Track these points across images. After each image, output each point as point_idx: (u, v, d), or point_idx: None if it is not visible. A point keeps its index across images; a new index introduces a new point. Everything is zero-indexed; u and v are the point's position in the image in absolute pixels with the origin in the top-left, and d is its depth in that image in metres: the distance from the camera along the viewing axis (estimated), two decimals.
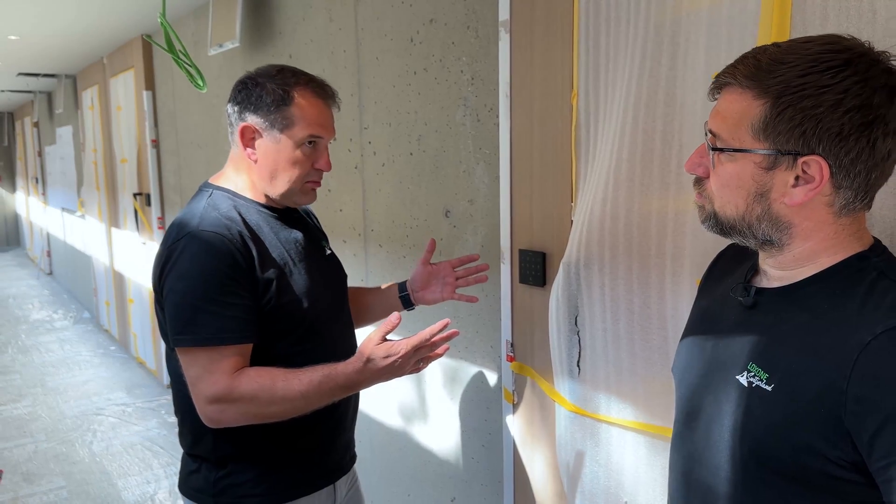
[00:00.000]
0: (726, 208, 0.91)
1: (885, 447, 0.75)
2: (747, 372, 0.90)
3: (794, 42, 0.85)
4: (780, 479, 0.86)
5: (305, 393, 1.31)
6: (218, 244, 1.34)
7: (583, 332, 1.61)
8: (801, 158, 0.83)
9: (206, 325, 1.32)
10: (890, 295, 0.82)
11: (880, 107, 0.80)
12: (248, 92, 1.43)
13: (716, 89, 0.91)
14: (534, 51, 1.75)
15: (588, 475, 1.63)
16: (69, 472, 3.71)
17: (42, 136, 9.00)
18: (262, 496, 1.45)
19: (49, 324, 7.07)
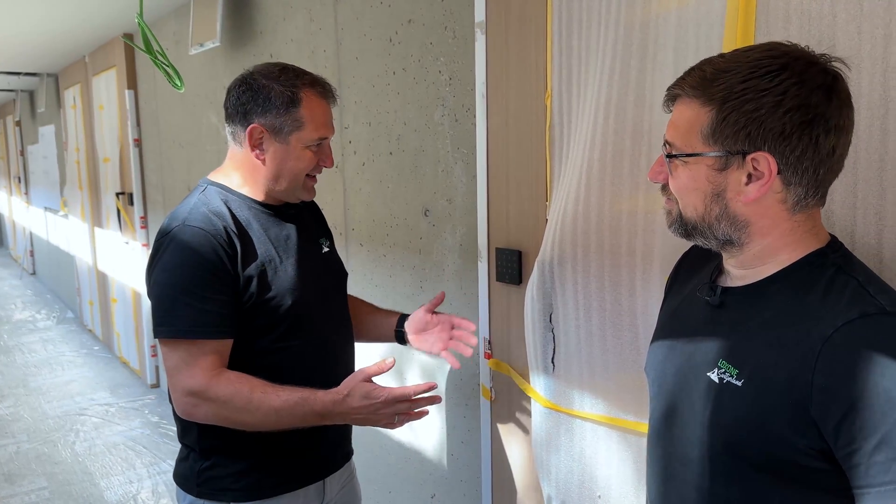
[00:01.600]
0: (687, 210, 0.95)
1: (850, 434, 0.79)
2: (718, 369, 0.93)
3: (737, 51, 0.90)
4: (754, 471, 0.90)
5: (279, 410, 1.32)
6: (201, 238, 1.37)
7: (557, 329, 1.64)
8: (750, 155, 0.86)
9: (185, 318, 1.35)
10: (848, 289, 0.86)
11: (819, 105, 0.84)
12: (254, 93, 1.42)
13: (668, 101, 0.96)
14: (509, 52, 1.77)
15: (563, 470, 1.66)
16: (51, 473, 3.70)
17: (24, 135, 8.93)
18: (244, 491, 1.47)
19: (32, 324, 7.03)
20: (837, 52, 1.12)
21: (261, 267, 1.43)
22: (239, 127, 1.45)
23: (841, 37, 1.13)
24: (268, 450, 1.48)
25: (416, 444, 2.38)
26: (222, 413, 1.35)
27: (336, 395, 1.33)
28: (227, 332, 1.38)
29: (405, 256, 2.33)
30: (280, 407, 1.33)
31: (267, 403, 1.32)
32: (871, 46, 1.09)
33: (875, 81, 1.09)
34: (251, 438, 1.44)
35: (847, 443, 0.79)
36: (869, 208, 1.12)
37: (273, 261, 1.46)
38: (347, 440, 1.68)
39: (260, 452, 1.48)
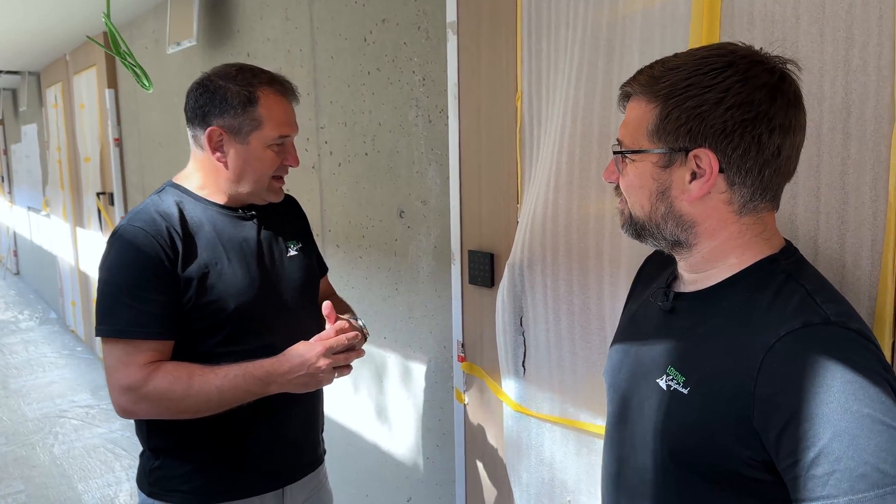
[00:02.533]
0: (635, 209, 0.94)
1: (790, 446, 0.77)
2: (666, 375, 0.92)
3: (688, 51, 0.89)
4: (700, 479, 0.88)
5: (221, 387, 1.33)
6: (142, 239, 1.36)
7: (528, 332, 1.62)
8: (692, 152, 0.85)
9: (122, 318, 1.35)
10: (795, 297, 0.84)
11: (761, 104, 0.83)
12: (211, 95, 1.40)
13: (622, 100, 0.95)
14: (480, 53, 1.75)
15: (533, 474, 1.64)
16: (28, 476, 3.66)
17: (7, 133, 8.85)
18: (191, 494, 1.46)
19: (14, 324, 6.96)
20: (800, 54, 1.12)
21: (203, 269, 1.41)
22: (199, 130, 1.43)
23: (803, 39, 1.12)
24: (219, 451, 1.46)
25: (393, 447, 2.37)
26: (164, 405, 1.35)
27: (272, 360, 1.35)
28: (164, 334, 1.38)
29: (381, 258, 2.31)
30: (221, 384, 1.33)
31: (208, 384, 1.33)
32: (833, 49, 1.08)
33: (837, 84, 1.08)
34: (200, 438, 1.43)
35: (787, 455, 0.77)
36: (832, 213, 1.11)
37: (218, 264, 1.43)
38: (315, 446, 1.64)
39: (210, 454, 1.46)
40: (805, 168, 1.12)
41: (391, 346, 2.30)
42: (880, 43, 1.03)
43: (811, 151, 1.12)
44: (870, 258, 1.07)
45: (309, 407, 1.58)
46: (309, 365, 1.33)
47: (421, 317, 2.16)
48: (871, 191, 1.06)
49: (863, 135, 1.06)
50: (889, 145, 1.04)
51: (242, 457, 1.48)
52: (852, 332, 0.80)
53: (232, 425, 1.42)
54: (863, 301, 1.08)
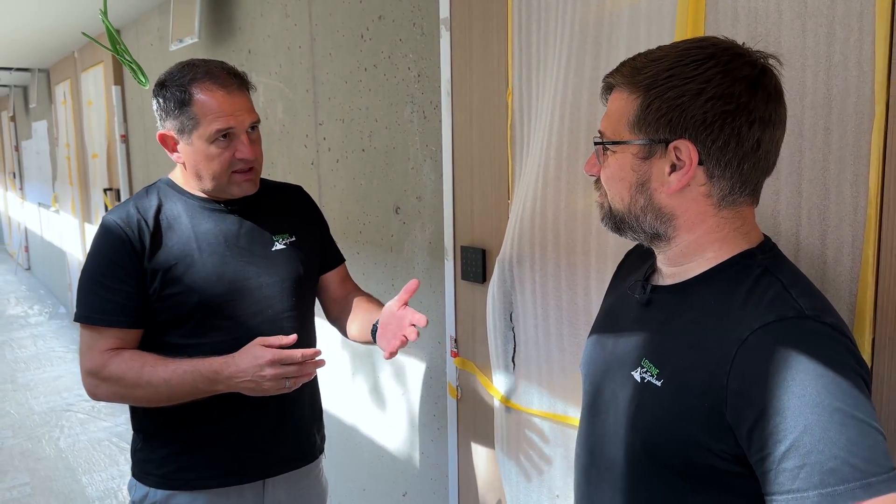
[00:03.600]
0: (615, 201, 0.94)
1: (761, 440, 0.77)
2: (640, 368, 0.92)
3: (672, 44, 0.90)
4: (671, 472, 0.88)
5: (169, 380, 1.36)
6: (114, 231, 1.42)
7: (517, 328, 1.63)
8: (672, 143, 0.85)
9: (89, 305, 1.41)
10: (770, 291, 0.84)
11: (741, 96, 0.83)
12: (158, 98, 1.44)
13: (605, 92, 0.95)
14: (472, 49, 1.75)
15: (522, 469, 1.65)
16: (34, 469, 3.70)
17: (18, 130, 8.93)
18: (164, 478, 1.49)
19: (24, 319, 7.03)
20: (783, 49, 1.12)
21: (171, 262, 1.43)
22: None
23: (786, 34, 1.11)
24: (194, 438, 1.48)
25: (389, 443, 2.38)
26: (119, 391, 1.40)
27: (223, 358, 1.35)
28: (128, 322, 1.42)
29: (377, 254, 2.32)
30: (170, 377, 1.36)
31: (157, 376, 1.36)
32: (815, 44, 1.08)
33: (819, 80, 1.08)
34: (177, 424, 1.46)
35: (759, 448, 0.78)
36: (813, 209, 1.11)
37: (189, 257, 1.45)
38: (303, 442, 1.62)
39: (185, 441, 1.48)
40: (787, 164, 1.12)
41: None
42: (861, 39, 1.03)
43: (793, 147, 1.12)
44: (850, 254, 1.07)
45: (293, 401, 1.54)
46: (254, 372, 1.32)
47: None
48: (851, 187, 1.06)
49: (844, 130, 1.06)
50: (869, 141, 1.04)
51: (219, 446, 1.49)
52: (826, 326, 0.80)
53: (209, 413, 1.44)
54: (844, 296, 1.08)
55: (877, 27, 1.01)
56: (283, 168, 2.84)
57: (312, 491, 1.67)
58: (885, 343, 1.05)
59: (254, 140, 1.49)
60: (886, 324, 1.04)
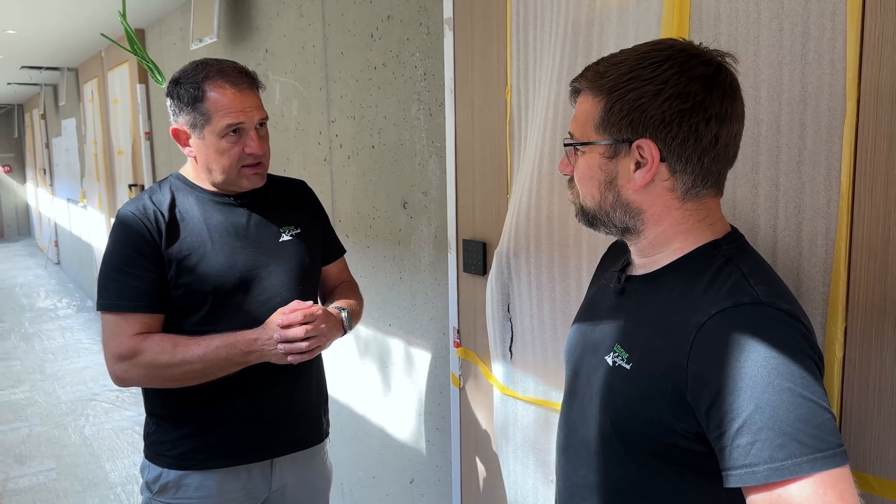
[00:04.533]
0: (587, 199, 0.99)
1: (718, 418, 0.82)
2: (613, 352, 0.98)
3: (632, 47, 0.95)
4: (639, 451, 0.94)
5: (204, 356, 1.43)
6: (131, 221, 1.49)
7: (514, 318, 1.68)
8: (635, 142, 0.91)
9: (112, 292, 1.48)
10: (731, 279, 0.89)
11: (697, 94, 0.88)
12: (173, 95, 1.52)
13: (573, 95, 1.01)
14: (474, 48, 1.81)
15: (520, 456, 1.70)
16: (59, 455, 3.83)
17: (49, 127, 9.15)
18: (176, 459, 1.56)
19: (53, 312, 7.22)
20: (762, 48, 1.16)
21: (185, 252, 1.51)
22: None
23: (765, 33, 1.15)
24: (206, 421, 1.55)
25: (397, 431, 2.44)
26: (153, 373, 1.45)
27: (255, 330, 1.46)
28: (151, 307, 1.48)
29: (386, 247, 2.38)
30: (204, 352, 1.43)
31: (191, 353, 1.43)
32: (791, 43, 1.12)
33: (795, 77, 1.12)
34: (190, 407, 1.53)
35: (716, 426, 0.82)
36: (790, 202, 1.14)
37: (201, 248, 1.52)
38: (310, 423, 1.70)
39: (196, 423, 1.55)
40: (766, 158, 1.16)
41: (395, 333, 2.38)
42: (833, 37, 1.07)
43: (771, 142, 1.16)
44: (824, 246, 1.11)
45: (299, 384, 1.65)
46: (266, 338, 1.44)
47: (422, 304, 2.22)
48: (825, 181, 1.10)
49: (818, 126, 1.10)
50: (841, 137, 1.07)
51: (229, 429, 1.56)
52: (781, 312, 0.85)
53: (221, 397, 1.51)
54: (817, 287, 1.12)
55: (848, 27, 1.05)
56: (298, 164, 2.91)
57: (318, 471, 1.75)
58: (856, 332, 1.08)
59: (262, 136, 1.56)
60: (858, 314, 1.08)
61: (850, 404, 1.10)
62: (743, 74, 1.18)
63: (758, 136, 1.17)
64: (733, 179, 1.21)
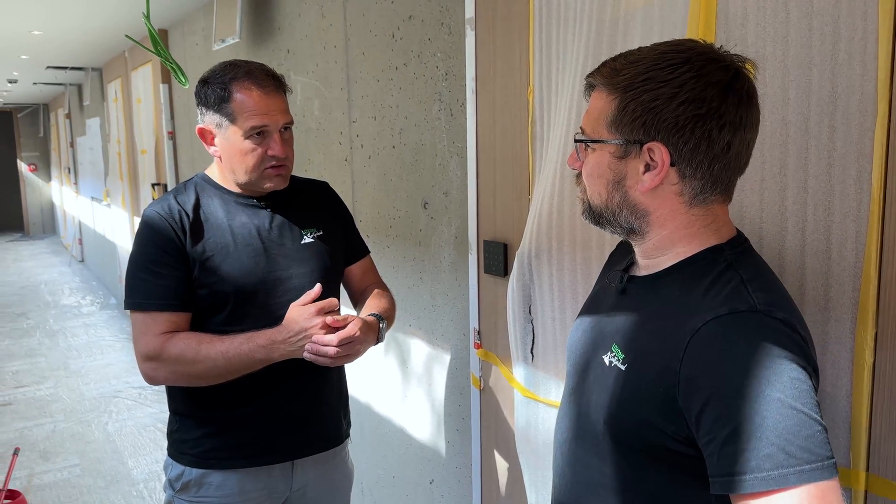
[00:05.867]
0: (594, 197, 0.99)
1: (708, 424, 0.82)
2: (610, 352, 0.98)
3: (651, 46, 0.93)
4: (631, 452, 0.94)
5: (226, 352, 1.43)
6: (156, 221, 1.50)
7: (536, 320, 1.67)
8: (646, 145, 0.90)
9: (140, 291, 1.49)
10: (730, 285, 0.88)
11: (713, 100, 0.86)
12: (200, 94, 1.54)
13: (587, 90, 0.99)
14: (496, 48, 1.80)
15: (541, 459, 1.69)
16: (83, 451, 3.88)
17: (73, 127, 9.27)
18: (198, 458, 1.57)
19: (77, 309, 7.32)
20: (790, 48, 1.14)
21: (208, 253, 1.52)
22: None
23: (793, 33, 1.13)
24: (228, 420, 1.56)
25: (417, 431, 2.44)
26: (179, 370, 1.46)
27: (273, 328, 1.45)
28: (178, 305, 1.49)
29: (406, 248, 2.38)
30: (227, 349, 1.43)
31: (214, 349, 1.43)
32: (821, 43, 1.10)
33: (824, 78, 1.10)
34: (213, 406, 1.54)
35: (705, 432, 0.82)
36: (819, 205, 1.12)
37: (225, 249, 1.53)
38: (331, 425, 1.70)
39: (219, 422, 1.56)
40: (794, 160, 1.14)
41: (415, 334, 2.38)
42: (864, 38, 1.05)
43: (800, 145, 1.14)
44: (854, 249, 1.09)
45: (321, 385, 1.65)
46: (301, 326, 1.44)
47: (443, 305, 2.22)
48: (855, 183, 1.08)
49: (848, 128, 1.08)
50: (872, 139, 1.05)
51: (251, 428, 1.57)
52: (777, 321, 0.84)
53: (243, 396, 1.52)
54: (847, 291, 1.10)
55: (880, 27, 1.03)
56: (319, 164, 2.92)
57: (339, 472, 1.75)
58: (887, 338, 1.06)
59: (286, 139, 1.57)
60: (889, 319, 1.06)
61: (879, 410, 1.08)
62: (770, 75, 1.17)
63: (786, 137, 1.16)
64: (760, 182, 1.19)
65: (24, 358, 5.61)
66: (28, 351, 5.80)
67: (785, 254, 1.17)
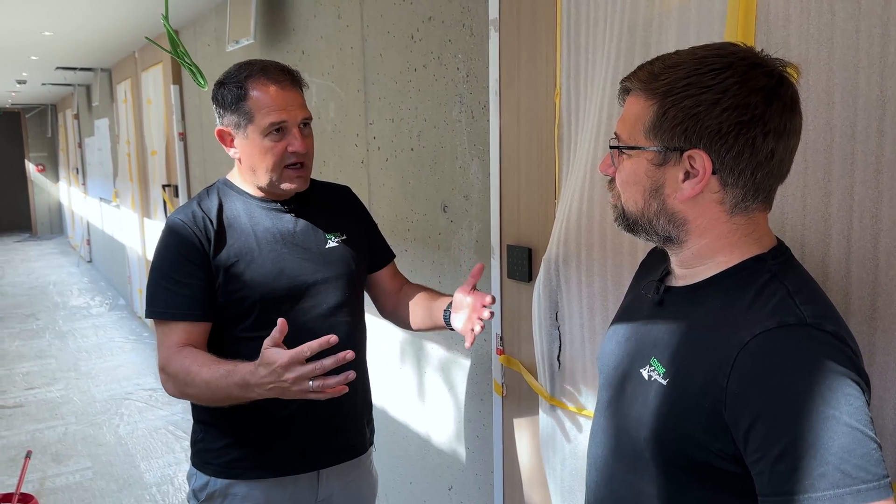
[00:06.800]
0: (629, 204, 0.95)
1: (757, 441, 0.79)
2: (649, 366, 0.95)
3: (690, 49, 0.90)
4: (673, 469, 0.91)
5: (209, 382, 1.36)
6: (180, 228, 1.48)
7: (563, 327, 1.64)
8: (687, 152, 0.87)
9: (161, 300, 1.47)
10: (776, 297, 0.85)
11: (757, 107, 0.83)
12: (217, 96, 1.52)
13: (622, 94, 0.96)
14: (520, 49, 1.77)
15: (567, 467, 1.66)
16: (95, 454, 3.86)
17: (82, 127, 9.27)
18: (223, 468, 1.54)
19: (86, 310, 7.31)
20: (835, 50, 1.10)
21: (233, 259, 1.49)
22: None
23: (839, 35, 1.10)
24: (254, 430, 1.53)
25: (435, 438, 2.42)
26: (178, 387, 1.44)
27: (251, 366, 1.28)
28: (197, 315, 1.46)
29: (425, 252, 2.35)
30: (209, 379, 1.36)
31: (200, 377, 1.38)
32: (869, 45, 1.07)
33: (872, 81, 1.07)
34: (237, 416, 1.50)
35: (754, 450, 0.79)
36: (865, 212, 1.09)
37: (249, 254, 1.50)
38: (355, 433, 1.67)
39: (242, 432, 1.53)
40: (839, 166, 1.11)
41: (434, 339, 2.35)
42: None
43: (846, 150, 1.10)
44: None
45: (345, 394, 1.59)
46: (273, 378, 1.25)
47: None
48: None
49: None
50: None
51: (275, 437, 1.54)
52: (827, 334, 0.81)
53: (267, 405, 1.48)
54: (895, 302, 1.07)
55: None
56: (334, 167, 2.89)
57: (364, 481, 1.72)
58: None
59: (306, 135, 1.54)
60: None
61: None
62: (814, 78, 1.14)
63: (830, 142, 1.12)
64: (803, 188, 1.16)
65: (34, 359, 5.60)
66: (38, 352, 5.79)
67: (829, 262, 1.14)
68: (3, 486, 3.44)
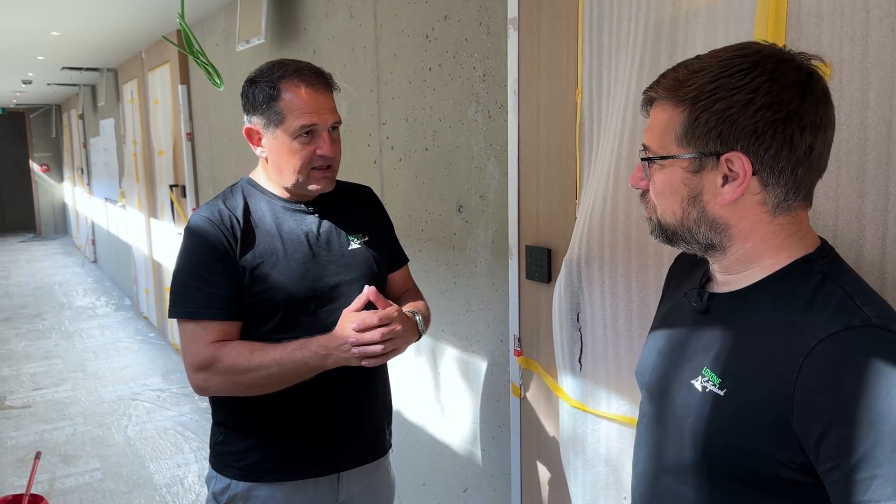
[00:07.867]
0: (666, 215, 0.93)
1: (831, 450, 0.77)
2: (702, 377, 0.92)
3: (711, 52, 0.88)
4: (734, 482, 0.88)
5: (280, 359, 1.39)
6: (207, 228, 1.46)
7: (584, 328, 1.62)
8: (724, 156, 0.85)
9: (190, 299, 1.44)
10: (834, 299, 0.83)
11: (791, 102, 0.82)
12: (247, 94, 1.50)
13: (645, 105, 0.94)
14: (540, 48, 1.75)
15: (589, 471, 1.65)
16: (104, 455, 3.85)
17: (87, 127, 9.27)
18: (245, 471, 1.53)
19: (92, 310, 7.31)
20: (870, 48, 1.09)
21: (258, 260, 1.48)
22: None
23: (874, 33, 1.09)
24: (275, 432, 1.52)
25: (450, 438, 2.40)
26: (231, 379, 1.42)
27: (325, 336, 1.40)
28: (229, 315, 1.45)
29: (439, 252, 2.34)
30: (280, 356, 1.39)
31: (268, 357, 1.39)
32: None
33: None
34: (258, 418, 1.49)
35: (828, 458, 0.77)
36: None
37: (275, 254, 1.49)
38: (375, 436, 1.66)
39: (264, 433, 1.52)
40: (874, 166, 1.10)
41: (449, 339, 2.33)
42: None
43: (880, 149, 1.09)
44: None
45: (366, 395, 1.62)
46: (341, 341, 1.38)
47: (478, 310, 2.18)
48: None
49: None
50: None
51: (297, 439, 1.53)
52: (894, 334, 0.79)
53: (289, 407, 1.48)
54: None
55: None
56: (346, 167, 2.88)
57: (383, 483, 1.71)
58: None
59: (334, 139, 1.54)
60: None
61: None
62: (848, 77, 1.12)
63: (864, 142, 1.11)
64: (836, 188, 1.14)
65: (41, 360, 5.59)
66: (45, 353, 5.78)
67: (862, 262, 1.13)
68: (12, 487, 3.43)
